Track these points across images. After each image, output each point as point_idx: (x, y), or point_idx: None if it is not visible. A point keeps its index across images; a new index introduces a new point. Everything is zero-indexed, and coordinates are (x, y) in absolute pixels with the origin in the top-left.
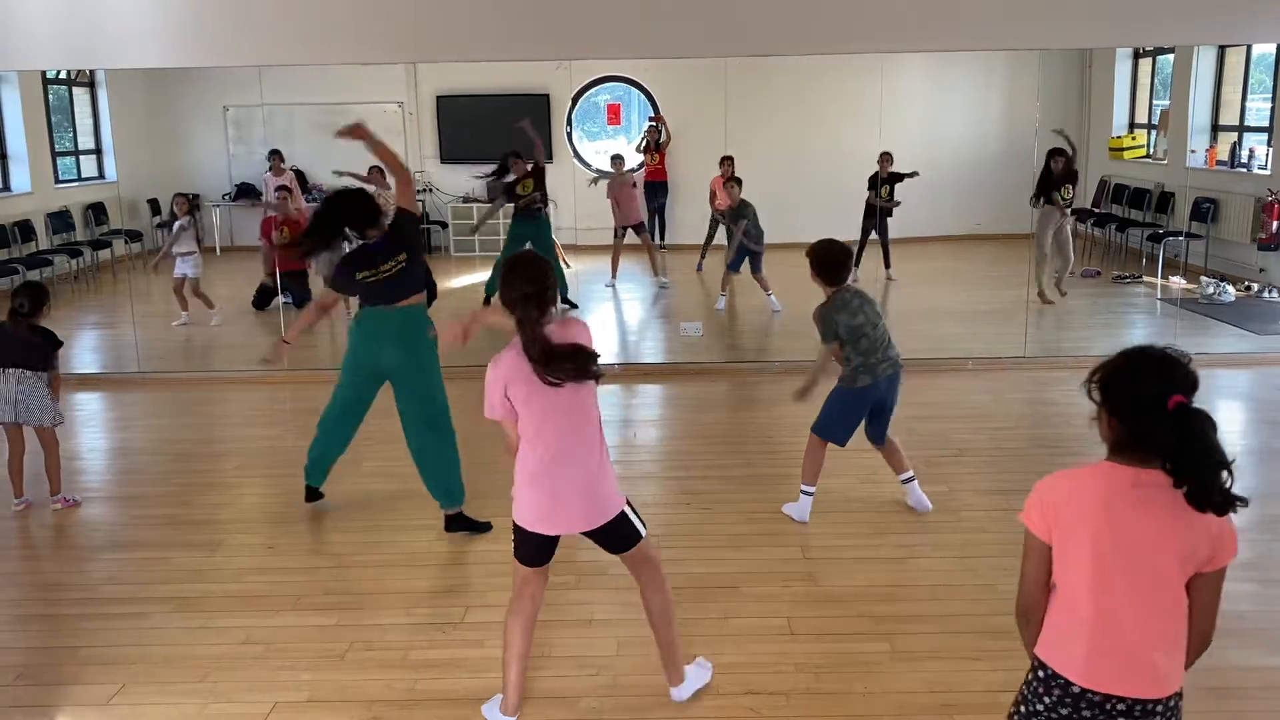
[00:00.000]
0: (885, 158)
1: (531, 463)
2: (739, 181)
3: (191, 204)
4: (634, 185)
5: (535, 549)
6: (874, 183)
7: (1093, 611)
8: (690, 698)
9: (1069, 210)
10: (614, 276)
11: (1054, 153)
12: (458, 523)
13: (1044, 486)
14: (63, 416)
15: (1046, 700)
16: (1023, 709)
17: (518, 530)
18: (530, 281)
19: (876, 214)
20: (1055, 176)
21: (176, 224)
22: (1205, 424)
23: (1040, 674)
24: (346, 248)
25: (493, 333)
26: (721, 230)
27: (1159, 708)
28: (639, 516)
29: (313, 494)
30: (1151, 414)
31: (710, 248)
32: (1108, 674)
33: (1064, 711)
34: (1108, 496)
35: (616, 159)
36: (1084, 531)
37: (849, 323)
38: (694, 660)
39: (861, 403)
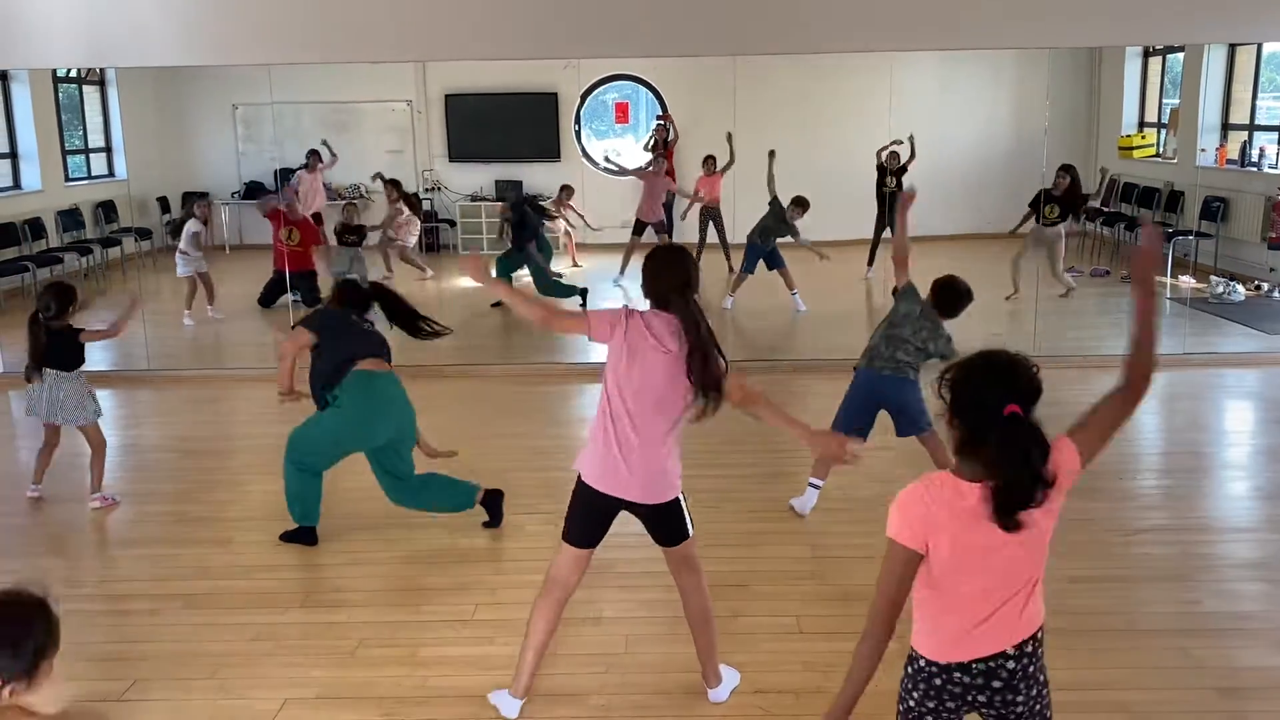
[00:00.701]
0: (893, 157)
1: (612, 423)
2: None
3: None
4: (658, 175)
5: (589, 515)
6: (882, 174)
7: (960, 601)
8: (688, 696)
9: (1051, 227)
10: (622, 274)
11: (1063, 169)
12: (491, 504)
13: (906, 502)
14: (100, 411)
15: (918, 692)
16: (902, 706)
17: (578, 489)
18: (676, 274)
19: (886, 207)
20: (1049, 193)
21: (189, 226)
22: (1030, 438)
23: (914, 665)
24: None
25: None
26: (712, 229)
27: (1029, 646)
28: (690, 518)
29: (309, 535)
30: (987, 418)
31: (705, 246)
32: (981, 643)
33: (949, 689)
34: (953, 509)
35: (653, 157)
36: (943, 536)
37: (902, 308)
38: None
39: (856, 387)
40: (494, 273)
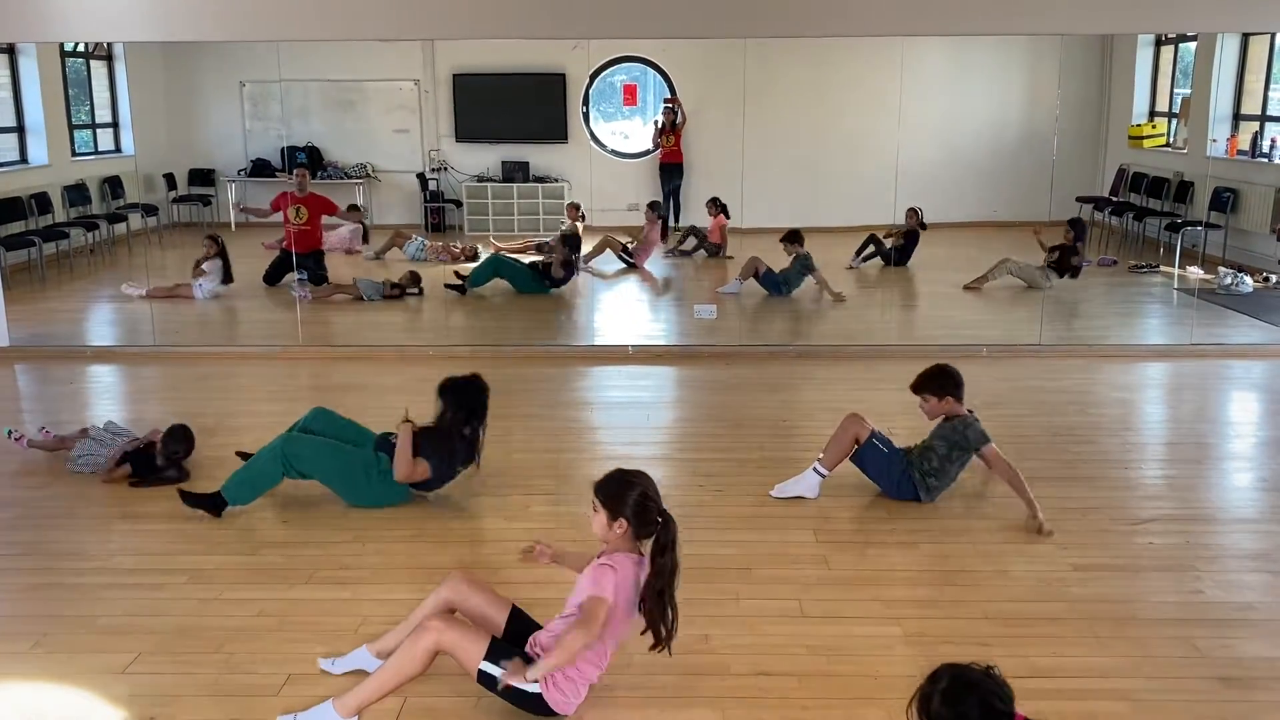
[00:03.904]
0: (911, 214)
1: (604, 661)
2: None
3: (220, 246)
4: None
5: None
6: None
7: None
8: (690, 677)
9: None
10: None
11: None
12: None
13: None
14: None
15: None
16: None
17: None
18: (648, 487)
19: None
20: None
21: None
22: None
23: None
24: None
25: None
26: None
27: None
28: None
29: (222, 506)
30: None
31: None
32: None
33: None
34: None
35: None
36: None
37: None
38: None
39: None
40: (514, 285)
